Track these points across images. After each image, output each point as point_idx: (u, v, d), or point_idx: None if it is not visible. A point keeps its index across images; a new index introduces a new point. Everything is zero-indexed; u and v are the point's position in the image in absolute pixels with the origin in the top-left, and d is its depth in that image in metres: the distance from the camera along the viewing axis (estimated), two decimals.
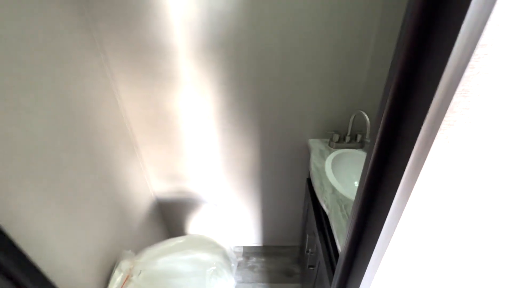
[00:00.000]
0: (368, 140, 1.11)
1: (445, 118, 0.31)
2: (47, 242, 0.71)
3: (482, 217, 0.41)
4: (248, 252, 1.68)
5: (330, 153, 1.10)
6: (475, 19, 0.25)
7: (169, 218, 1.56)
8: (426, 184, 0.37)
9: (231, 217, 1.57)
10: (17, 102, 0.65)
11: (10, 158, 0.63)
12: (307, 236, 1.14)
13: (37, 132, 0.71)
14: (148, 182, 1.39)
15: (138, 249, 1.12)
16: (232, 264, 1.15)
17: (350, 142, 1.14)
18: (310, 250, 1.06)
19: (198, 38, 0.97)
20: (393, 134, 0.37)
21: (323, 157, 1.08)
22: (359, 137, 1.13)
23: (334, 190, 0.88)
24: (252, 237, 1.68)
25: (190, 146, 1.27)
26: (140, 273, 1.02)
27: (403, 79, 0.33)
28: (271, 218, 1.57)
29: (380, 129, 0.37)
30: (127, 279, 1.00)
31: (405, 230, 0.42)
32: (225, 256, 1.15)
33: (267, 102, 1.13)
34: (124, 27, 0.95)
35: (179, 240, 1.18)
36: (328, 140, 1.21)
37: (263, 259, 1.63)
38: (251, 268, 1.58)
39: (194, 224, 1.60)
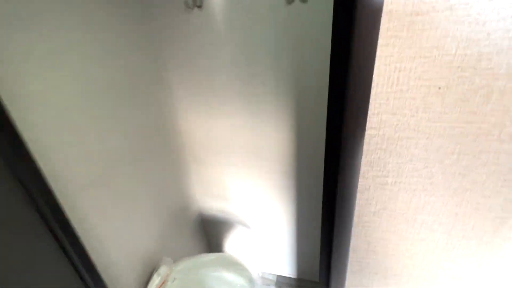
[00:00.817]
0: None
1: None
2: (105, 240, 0.89)
3: None
4: (282, 282, 1.66)
5: None
6: None
7: (209, 233, 1.68)
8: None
9: (267, 243, 1.60)
10: (103, 127, 0.86)
11: (91, 169, 0.83)
12: None
13: (112, 149, 0.90)
14: (195, 199, 1.55)
15: (176, 258, 1.25)
16: None
17: None
18: None
19: (240, 75, 1.11)
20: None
21: None
22: None
23: None
24: (287, 267, 1.66)
25: (233, 169, 1.38)
26: (174, 280, 1.14)
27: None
28: (308, 251, 1.54)
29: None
30: (163, 283, 1.12)
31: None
32: (250, 281, 1.18)
33: (301, 135, 1.18)
34: (187, 67, 1.15)
35: (211, 256, 1.27)
36: None
37: None
38: None
39: (231, 243, 1.68)
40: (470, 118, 0.39)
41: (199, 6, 1.02)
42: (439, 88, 0.38)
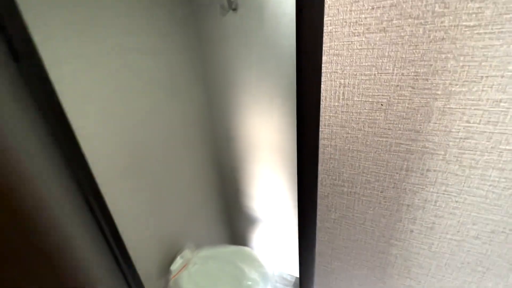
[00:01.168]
0: None
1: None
2: (136, 219, 1.05)
3: None
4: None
5: None
6: None
7: (233, 226, 1.79)
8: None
9: (288, 243, 1.63)
10: (142, 119, 1.00)
11: (128, 156, 0.98)
12: None
13: (149, 138, 1.03)
14: (223, 192, 1.66)
15: (200, 245, 1.38)
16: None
17: None
18: None
19: (269, 76, 1.18)
20: None
21: None
22: None
23: None
24: None
25: (257, 168, 1.46)
26: (195, 265, 1.27)
27: None
28: None
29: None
30: (184, 266, 1.26)
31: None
32: (265, 278, 1.23)
33: None
34: (221, 66, 1.27)
35: (232, 248, 1.36)
36: None
37: None
38: None
39: (252, 239, 1.76)
40: (413, 136, 0.38)
41: (234, 9, 1.12)
42: (382, 104, 0.39)
